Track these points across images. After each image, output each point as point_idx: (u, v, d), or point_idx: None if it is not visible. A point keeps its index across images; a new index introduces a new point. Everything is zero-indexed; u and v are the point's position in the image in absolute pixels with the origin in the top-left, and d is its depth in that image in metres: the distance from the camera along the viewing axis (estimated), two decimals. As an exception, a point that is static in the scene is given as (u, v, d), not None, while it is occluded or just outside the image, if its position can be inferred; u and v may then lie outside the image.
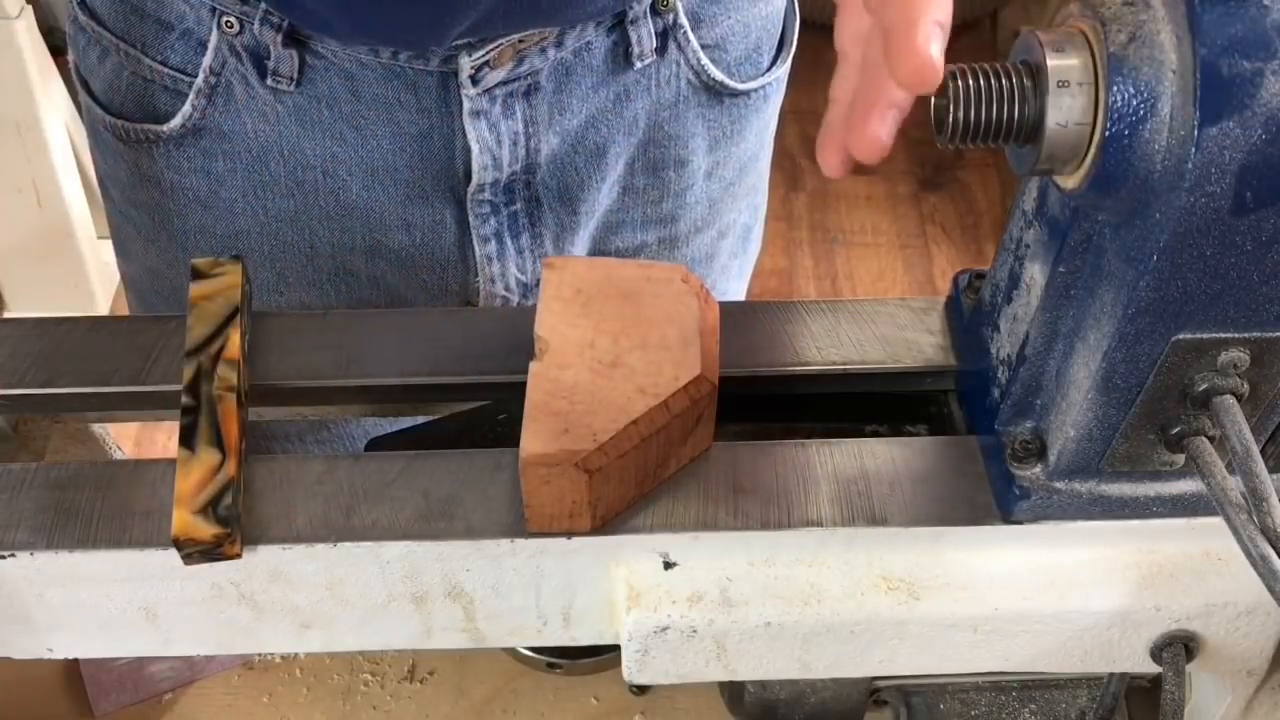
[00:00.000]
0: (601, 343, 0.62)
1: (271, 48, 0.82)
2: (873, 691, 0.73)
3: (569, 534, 0.60)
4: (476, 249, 0.93)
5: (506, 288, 0.96)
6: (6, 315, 2.19)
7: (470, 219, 0.91)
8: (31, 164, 2.00)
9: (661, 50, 0.90)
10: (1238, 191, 0.47)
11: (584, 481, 0.58)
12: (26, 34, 1.89)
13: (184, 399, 0.63)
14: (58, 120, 2.02)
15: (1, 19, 1.85)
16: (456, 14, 0.77)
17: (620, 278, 0.65)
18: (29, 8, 1.90)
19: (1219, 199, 0.47)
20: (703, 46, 0.91)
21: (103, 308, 2.20)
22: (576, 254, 0.99)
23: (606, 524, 0.61)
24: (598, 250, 1.01)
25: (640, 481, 0.61)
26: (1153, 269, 0.50)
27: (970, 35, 2.78)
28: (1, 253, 2.13)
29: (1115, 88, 0.47)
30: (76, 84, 0.93)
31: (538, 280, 0.96)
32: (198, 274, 0.68)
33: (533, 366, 0.61)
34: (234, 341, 0.65)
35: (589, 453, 0.58)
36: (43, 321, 0.70)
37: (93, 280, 2.18)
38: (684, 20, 0.89)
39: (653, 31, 0.88)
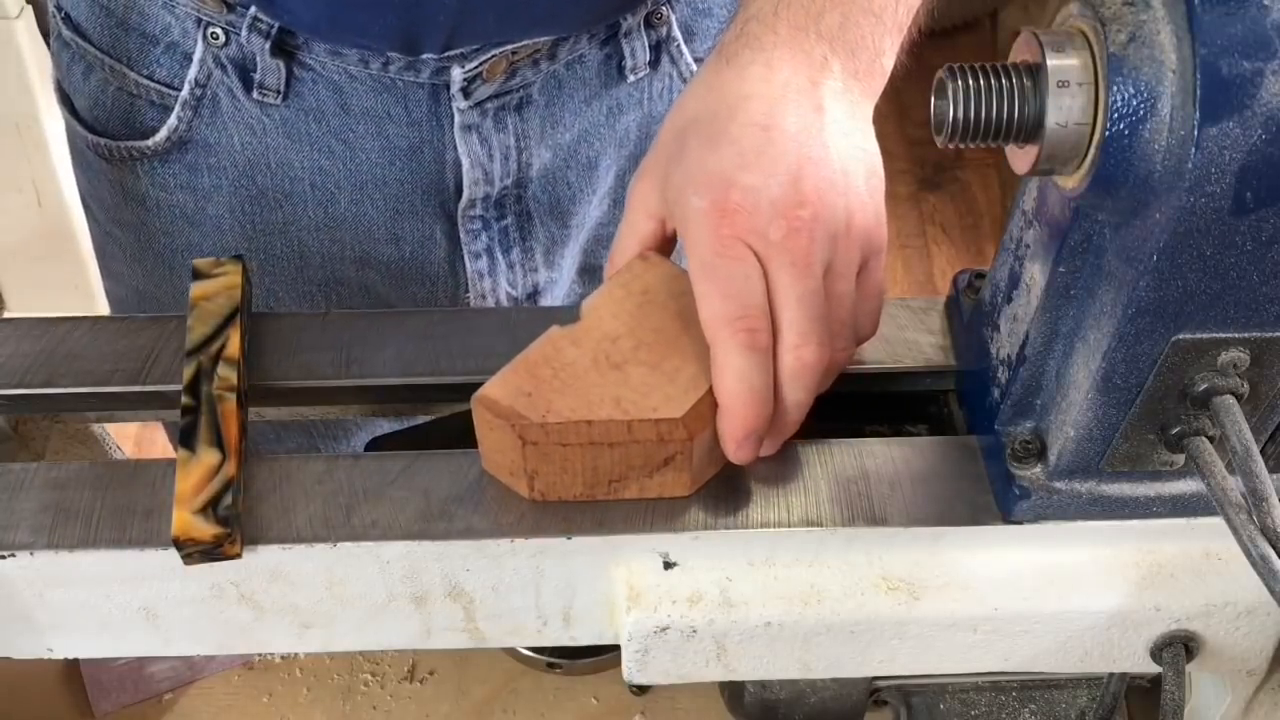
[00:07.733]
0: (624, 343, 0.61)
1: (259, 58, 0.81)
2: (873, 691, 0.73)
3: (519, 495, 0.61)
4: (467, 264, 0.92)
5: (498, 302, 0.95)
6: (6, 315, 2.19)
7: (461, 235, 0.90)
8: (31, 164, 2.00)
9: (654, 63, 0.89)
10: (1238, 191, 0.47)
11: (518, 447, 0.58)
12: (26, 34, 1.89)
13: (184, 399, 0.63)
14: (57, 120, 2.02)
15: (1, 19, 1.85)
16: (430, 13, 0.76)
17: (690, 303, 0.62)
18: (29, 8, 1.89)
19: (1219, 199, 0.47)
20: (696, 60, 0.90)
21: (103, 308, 2.19)
22: (566, 267, 0.98)
23: (547, 501, 0.61)
24: (589, 264, 1.00)
25: (590, 484, 0.60)
26: (1153, 269, 0.50)
27: (970, 35, 2.78)
28: (1, 253, 2.13)
29: (1115, 88, 0.47)
30: (58, 102, 0.92)
31: (529, 294, 0.96)
32: (198, 274, 0.68)
33: (553, 329, 0.62)
34: (234, 341, 0.65)
35: (530, 424, 0.58)
36: (43, 321, 0.70)
37: (93, 280, 2.17)
38: (677, 34, 0.88)
39: (646, 45, 0.87)
